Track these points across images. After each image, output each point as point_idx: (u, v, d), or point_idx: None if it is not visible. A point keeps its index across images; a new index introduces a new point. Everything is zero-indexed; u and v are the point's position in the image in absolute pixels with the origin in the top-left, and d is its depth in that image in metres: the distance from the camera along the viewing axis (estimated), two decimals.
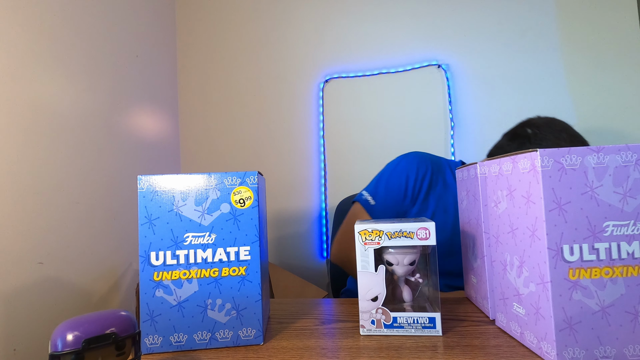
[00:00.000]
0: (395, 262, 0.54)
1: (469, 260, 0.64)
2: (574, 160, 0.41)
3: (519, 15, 1.30)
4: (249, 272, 0.50)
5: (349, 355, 0.46)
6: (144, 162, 1.25)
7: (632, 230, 0.40)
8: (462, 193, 0.67)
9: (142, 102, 1.26)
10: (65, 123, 0.92)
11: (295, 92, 1.43)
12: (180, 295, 0.49)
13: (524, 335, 0.46)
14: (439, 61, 1.33)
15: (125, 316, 0.36)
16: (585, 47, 1.26)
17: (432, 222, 0.50)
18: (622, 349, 0.40)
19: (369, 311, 0.52)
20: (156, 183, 0.50)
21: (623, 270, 0.40)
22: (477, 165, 0.58)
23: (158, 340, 0.49)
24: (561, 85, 1.26)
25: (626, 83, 1.23)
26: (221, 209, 0.50)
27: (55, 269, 0.85)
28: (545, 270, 0.41)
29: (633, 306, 0.40)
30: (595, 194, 0.41)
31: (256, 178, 0.51)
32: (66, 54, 0.94)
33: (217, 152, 1.50)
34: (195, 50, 1.53)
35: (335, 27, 1.42)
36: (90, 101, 1.01)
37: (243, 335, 0.50)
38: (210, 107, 1.51)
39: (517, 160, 0.46)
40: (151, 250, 0.49)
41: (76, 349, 0.32)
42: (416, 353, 0.46)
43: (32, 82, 0.84)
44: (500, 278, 0.52)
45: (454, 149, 1.30)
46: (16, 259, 0.76)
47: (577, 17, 1.27)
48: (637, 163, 0.40)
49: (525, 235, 0.45)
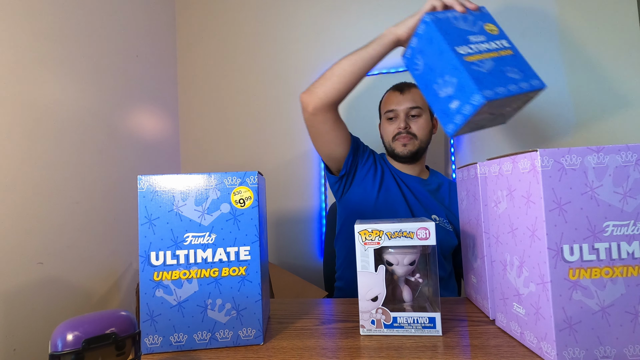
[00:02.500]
0: (395, 262, 0.54)
1: (469, 260, 0.64)
2: (574, 160, 0.41)
3: (519, 16, 1.30)
4: (249, 272, 0.50)
5: (349, 355, 0.46)
6: (144, 162, 1.25)
7: (632, 230, 0.40)
8: (462, 193, 0.67)
9: (142, 102, 1.26)
10: (65, 123, 0.92)
11: (295, 92, 1.43)
12: (180, 295, 0.49)
13: (524, 335, 0.46)
14: None
15: (125, 316, 0.36)
16: (586, 47, 1.26)
17: (432, 222, 0.50)
18: (622, 349, 0.40)
19: (369, 311, 0.52)
20: (156, 183, 0.50)
21: (623, 270, 0.40)
22: (477, 165, 0.58)
23: (158, 340, 0.49)
24: (561, 85, 1.26)
25: (626, 83, 1.23)
26: (221, 209, 0.50)
27: (55, 269, 0.85)
28: (545, 270, 0.41)
29: (633, 306, 0.40)
30: (595, 194, 0.41)
31: (256, 178, 0.51)
32: (66, 54, 0.94)
33: (217, 152, 1.50)
34: (195, 50, 1.53)
35: (335, 27, 1.42)
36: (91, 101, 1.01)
37: (243, 335, 0.50)
38: (210, 107, 1.51)
39: (517, 160, 0.46)
40: (151, 250, 0.49)
41: (76, 349, 0.32)
42: (416, 353, 0.46)
43: (33, 83, 0.84)
44: (500, 278, 0.52)
45: (454, 148, 1.31)
46: (16, 259, 0.76)
47: (577, 16, 1.27)
48: (637, 163, 0.40)
49: (525, 235, 0.45)
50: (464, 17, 0.68)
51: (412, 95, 0.98)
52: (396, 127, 0.99)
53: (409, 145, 0.98)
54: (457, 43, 0.65)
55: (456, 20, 0.68)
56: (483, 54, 0.64)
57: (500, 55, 0.64)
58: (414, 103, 0.97)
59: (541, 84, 0.62)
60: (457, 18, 0.68)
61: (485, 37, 0.66)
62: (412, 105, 0.97)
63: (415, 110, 0.97)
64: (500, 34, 0.68)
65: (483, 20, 0.69)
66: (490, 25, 0.69)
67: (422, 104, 0.98)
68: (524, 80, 0.61)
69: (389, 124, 1.01)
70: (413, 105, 0.97)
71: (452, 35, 0.65)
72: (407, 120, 0.98)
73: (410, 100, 0.98)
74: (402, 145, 0.98)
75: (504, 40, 0.67)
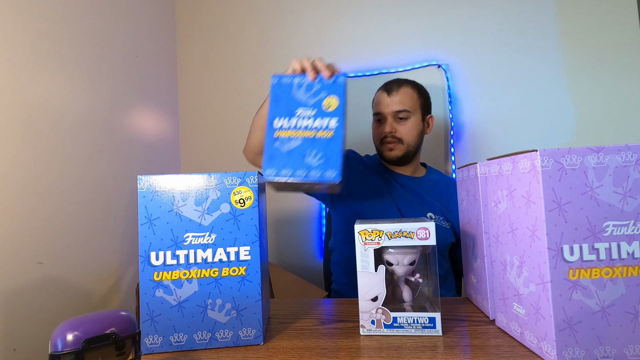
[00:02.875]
0: (395, 262, 0.54)
1: (469, 260, 0.64)
2: (574, 160, 0.41)
3: (519, 15, 1.30)
4: (249, 272, 0.50)
5: (349, 355, 0.46)
6: (144, 162, 1.25)
7: (632, 230, 0.40)
8: (462, 193, 0.67)
9: (142, 102, 1.26)
10: (65, 123, 0.92)
11: None
12: (180, 295, 0.49)
13: (524, 335, 0.46)
14: (439, 61, 1.33)
15: (125, 316, 0.36)
16: (585, 47, 1.26)
17: (432, 222, 0.50)
18: (622, 349, 0.40)
19: (369, 311, 0.52)
20: (156, 183, 0.50)
21: (623, 270, 0.40)
22: (477, 165, 0.58)
23: (158, 340, 0.49)
24: (561, 85, 1.26)
25: (626, 83, 1.23)
26: (221, 209, 0.50)
27: (55, 269, 0.85)
28: (545, 270, 0.41)
29: (633, 306, 0.40)
30: (595, 194, 0.41)
31: (256, 178, 0.51)
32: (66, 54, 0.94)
33: (217, 152, 1.50)
34: (195, 50, 1.53)
35: (335, 27, 1.42)
36: (91, 101, 1.01)
37: (243, 336, 0.50)
38: (210, 107, 1.51)
39: (517, 160, 0.46)
40: (151, 250, 0.49)
41: (76, 349, 0.32)
42: (416, 353, 0.46)
43: (32, 82, 0.84)
44: (500, 278, 0.52)
45: (454, 149, 1.31)
46: (16, 259, 0.76)
47: (577, 17, 1.27)
48: (637, 163, 0.40)
49: (525, 235, 0.45)
50: (310, 86, 0.65)
51: (400, 97, 0.95)
52: (383, 130, 0.97)
53: (395, 150, 0.96)
54: (280, 114, 0.63)
55: (298, 88, 0.65)
56: (297, 131, 0.62)
57: (315, 137, 0.61)
58: (401, 106, 0.94)
59: (336, 177, 0.59)
60: (301, 85, 0.65)
61: (315, 111, 0.63)
62: (399, 108, 0.94)
63: (403, 113, 0.94)
64: (336, 110, 0.63)
65: (329, 92, 0.64)
66: (332, 99, 0.64)
67: (411, 106, 0.95)
68: (319, 168, 0.60)
69: (377, 126, 0.99)
70: (400, 109, 0.94)
71: (281, 104, 0.64)
72: (394, 124, 0.95)
73: (398, 103, 0.95)
74: (388, 150, 0.97)
75: (335, 119, 0.62)
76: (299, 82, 0.65)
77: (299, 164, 0.60)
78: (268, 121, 0.64)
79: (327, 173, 0.60)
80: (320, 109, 0.63)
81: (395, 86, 0.97)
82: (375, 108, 1.00)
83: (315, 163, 0.60)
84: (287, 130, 0.62)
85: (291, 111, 0.63)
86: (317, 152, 0.61)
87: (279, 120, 0.63)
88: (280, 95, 0.65)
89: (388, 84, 1.00)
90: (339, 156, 0.60)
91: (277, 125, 0.63)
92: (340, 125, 0.62)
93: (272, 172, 0.60)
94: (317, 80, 0.65)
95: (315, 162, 0.60)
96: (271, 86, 0.66)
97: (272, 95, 0.65)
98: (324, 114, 0.63)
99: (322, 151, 0.61)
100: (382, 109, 0.97)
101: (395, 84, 0.98)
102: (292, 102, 0.64)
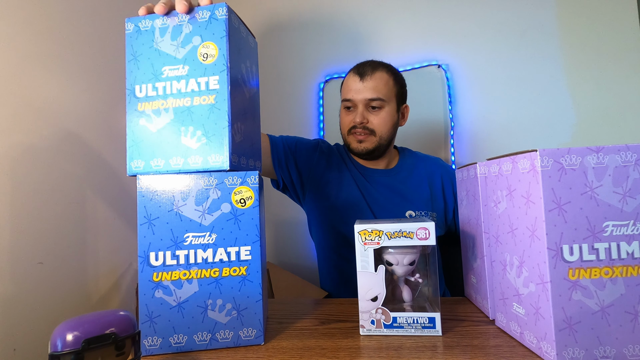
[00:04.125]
0: (395, 262, 0.54)
1: (469, 260, 0.64)
2: (573, 160, 0.41)
3: (519, 16, 1.30)
4: (249, 272, 0.50)
5: (349, 355, 0.46)
6: None
7: (632, 230, 0.40)
8: (462, 193, 0.67)
9: None
10: (65, 123, 0.92)
11: (295, 92, 1.43)
12: (180, 296, 0.49)
13: (524, 335, 0.46)
14: (439, 61, 1.33)
15: (125, 316, 0.36)
16: (585, 47, 1.26)
17: (432, 222, 0.50)
18: (621, 349, 0.40)
19: (369, 311, 0.52)
20: (156, 183, 0.50)
21: (623, 270, 0.40)
22: (476, 165, 0.58)
23: (157, 342, 0.48)
24: (561, 85, 1.26)
25: (626, 83, 1.23)
26: (222, 208, 0.50)
27: (55, 269, 0.85)
28: (545, 270, 0.41)
29: (633, 306, 0.40)
30: (595, 194, 0.41)
31: (257, 178, 0.51)
32: (66, 54, 0.94)
33: None
34: None
35: (335, 26, 1.42)
36: (91, 101, 1.01)
37: (244, 336, 0.50)
38: None
39: (517, 160, 0.46)
40: (150, 251, 0.49)
41: (76, 349, 0.32)
42: (416, 353, 0.46)
43: (32, 82, 0.84)
44: (500, 278, 0.52)
45: (454, 148, 1.30)
46: (16, 259, 0.76)
47: (577, 17, 1.27)
48: (637, 163, 0.40)
49: (525, 235, 0.45)
50: (177, 29, 0.46)
51: (374, 83, 0.83)
52: (352, 119, 0.85)
53: (365, 143, 0.86)
54: (142, 78, 0.47)
55: (162, 35, 0.47)
56: (166, 101, 0.46)
57: (191, 105, 0.46)
58: (374, 93, 0.83)
59: (223, 164, 0.47)
60: (165, 30, 0.47)
61: (187, 69, 0.46)
62: (373, 96, 0.83)
63: (377, 102, 0.83)
64: (216, 62, 0.46)
65: (204, 37, 0.47)
66: (209, 46, 0.46)
67: (386, 94, 0.84)
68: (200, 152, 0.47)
69: (346, 114, 0.87)
70: (373, 97, 0.83)
71: (141, 63, 0.47)
72: (366, 113, 0.84)
73: (371, 90, 0.83)
74: (357, 142, 0.86)
75: (214, 78, 0.46)
76: (162, 26, 0.47)
77: (174, 149, 0.46)
78: (127, 90, 0.48)
79: (212, 158, 0.46)
80: (194, 63, 0.47)
81: (369, 70, 0.85)
82: (344, 94, 0.88)
83: (195, 145, 0.46)
84: (153, 101, 0.46)
85: (156, 72, 0.47)
86: (196, 129, 0.46)
87: (140, 87, 0.47)
88: (140, 49, 0.47)
89: (360, 66, 0.87)
90: (225, 131, 0.45)
91: (140, 95, 0.47)
92: (225, 86, 0.46)
93: (138, 164, 0.47)
94: (185, 19, 0.47)
95: (195, 144, 0.46)
96: (126, 37, 0.48)
97: (129, 50, 0.48)
98: (200, 71, 0.46)
99: (201, 127, 0.46)
100: (353, 95, 0.84)
101: (369, 66, 0.86)
102: (156, 58, 0.47)
